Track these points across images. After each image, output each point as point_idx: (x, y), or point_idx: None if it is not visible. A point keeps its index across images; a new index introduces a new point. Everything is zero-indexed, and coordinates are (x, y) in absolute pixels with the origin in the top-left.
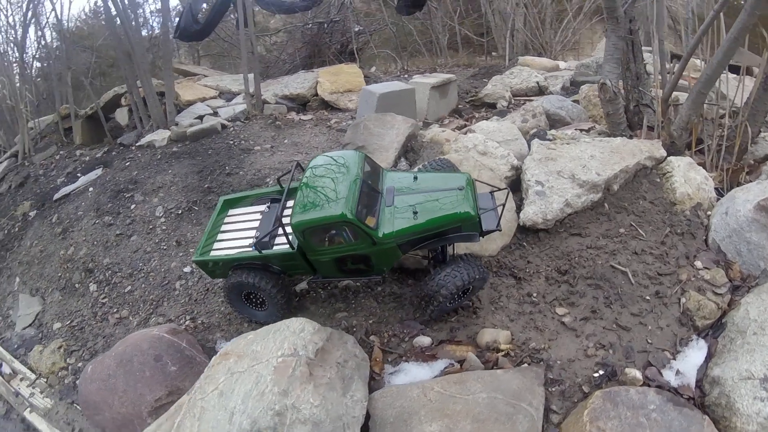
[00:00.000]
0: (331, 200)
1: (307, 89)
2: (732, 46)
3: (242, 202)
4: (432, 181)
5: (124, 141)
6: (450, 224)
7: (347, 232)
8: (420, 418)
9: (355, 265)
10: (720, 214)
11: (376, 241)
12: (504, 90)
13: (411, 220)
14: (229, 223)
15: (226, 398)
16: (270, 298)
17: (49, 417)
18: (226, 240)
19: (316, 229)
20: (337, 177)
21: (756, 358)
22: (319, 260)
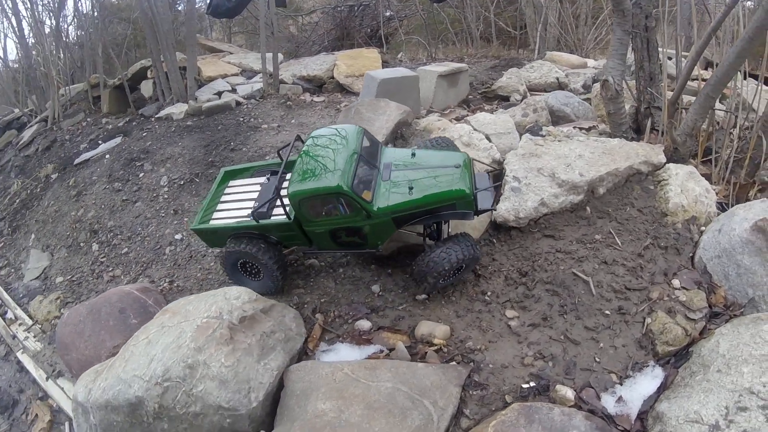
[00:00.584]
0: (327, 171)
1: (324, 71)
2: (746, 47)
3: (243, 173)
4: (429, 159)
5: (145, 112)
6: (445, 201)
7: (342, 204)
8: (318, 394)
9: (349, 238)
10: (712, 231)
11: (371, 214)
12: (519, 83)
13: (406, 196)
14: (229, 193)
15: (150, 346)
16: (265, 268)
17: (37, 358)
18: (225, 210)
19: (312, 199)
20: (336, 150)
21: (710, 400)
22: (314, 231)
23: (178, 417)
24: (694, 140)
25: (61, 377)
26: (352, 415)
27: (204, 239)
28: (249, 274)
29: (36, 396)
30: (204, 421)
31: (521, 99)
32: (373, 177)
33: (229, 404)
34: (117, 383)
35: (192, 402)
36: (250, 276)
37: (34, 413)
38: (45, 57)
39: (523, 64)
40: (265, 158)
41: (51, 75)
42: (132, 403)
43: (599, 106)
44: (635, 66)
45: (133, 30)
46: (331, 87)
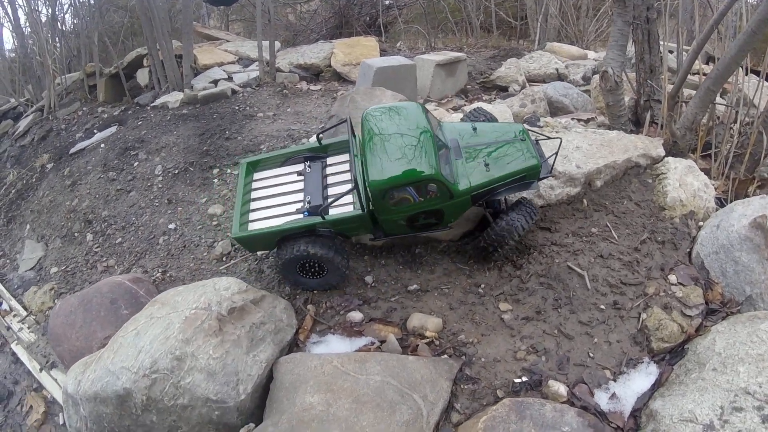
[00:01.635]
0: (413, 157)
1: (322, 59)
2: (748, 41)
3: (267, 163)
4: (492, 132)
5: (141, 101)
6: (519, 175)
7: (428, 190)
8: (307, 387)
9: (426, 221)
10: (710, 227)
11: (453, 195)
12: (518, 74)
13: (485, 173)
14: (258, 188)
15: (139, 338)
16: (332, 265)
17: (31, 349)
18: (262, 209)
19: (399, 188)
20: (408, 131)
21: (705, 400)
22: (389, 219)
23: (166, 409)
24: (694, 134)
25: (55, 368)
26: (340, 409)
27: (247, 246)
28: (309, 274)
29: (31, 387)
30: (192, 413)
31: (520, 89)
32: (448, 156)
33: (217, 396)
34: (105, 375)
35: (180, 394)
36: (310, 275)
37: (28, 405)
38: (41, 46)
39: (522, 55)
40: (260, 147)
41: (47, 64)
42: (120, 395)
43: (598, 97)
44: (635, 58)
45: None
46: (328, 75)
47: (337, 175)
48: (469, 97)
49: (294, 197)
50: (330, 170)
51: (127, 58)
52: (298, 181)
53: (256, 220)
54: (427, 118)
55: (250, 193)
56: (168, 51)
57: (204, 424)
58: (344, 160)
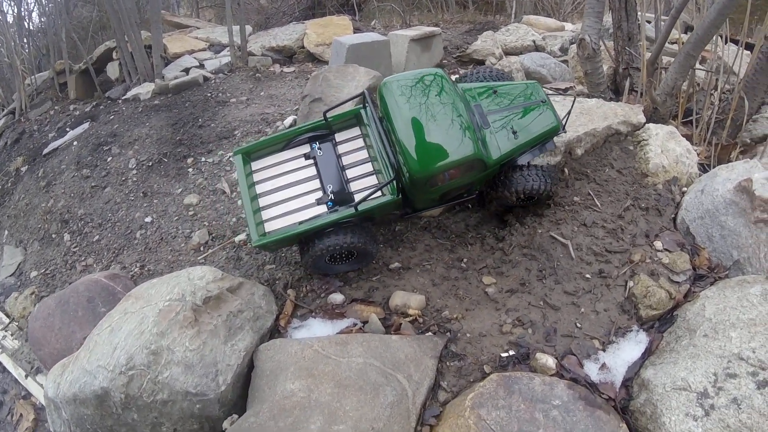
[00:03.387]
0: (453, 137)
1: (294, 41)
2: (727, 5)
3: (263, 149)
4: (511, 95)
5: (112, 95)
6: (543, 138)
7: (467, 167)
8: (287, 374)
9: (458, 192)
10: (695, 192)
11: (487, 166)
12: (494, 47)
13: (513, 141)
14: (262, 180)
15: (113, 334)
16: (363, 250)
17: (15, 356)
18: (273, 204)
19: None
20: (439, 106)
21: (698, 366)
22: (424, 198)
23: (146, 406)
24: (674, 100)
25: (40, 374)
26: (322, 394)
27: (269, 249)
28: (339, 262)
29: (19, 395)
30: (173, 408)
31: (497, 62)
32: (477, 126)
33: (196, 389)
34: (82, 375)
35: (158, 389)
36: (340, 262)
37: (18, 413)
38: (8, 47)
39: (498, 28)
40: (234, 133)
41: (16, 65)
42: (98, 395)
43: (576, 67)
44: (613, 26)
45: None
46: (301, 57)
47: (353, 154)
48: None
49: (308, 185)
50: (342, 149)
51: (96, 53)
52: (308, 167)
53: (273, 219)
54: (453, 86)
55: (254, 186)
56: (137, 42)
57: (186, 418)
58: (355, 135)
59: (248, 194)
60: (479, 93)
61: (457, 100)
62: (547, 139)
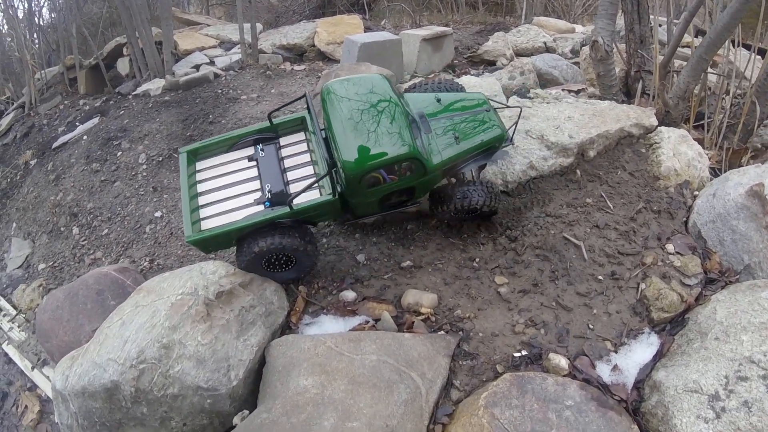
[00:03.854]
0: (387, 135)
1: (305, 39)
2: (741, 9)
3: (209, 150)
4: (456, 102)
5: (122, 90)
6: (487, 145)
7: (405, 168)
8: (300, 370)
9: (398, 199)
10: (706, 195)
11: (427, 171)
12: (505, 48)
13: (456, 147)
14: (205, 180)
15: (124, 327)
16: (303, 255)
17: (22, 348)
18: (213, 203)
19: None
20: (376, 107)
21: (710, 369)
22: (362, 201)
23: (156, 400)
24: (686, 103)
25: (47, 366)
26: (336, 391)
27: (202, 248)
28: (277, 268)
29: (24, 387)
30: (183, 403)
31: (508, 63)
32: (418, 130)
33: (208, 384)
34: (92, 368)
35: (169, 384)
36: (278, 269)
37: (23, 405)
38: (19, 42)
39: (509, 29)
40: None
41: (26, 60)
42: (108, 388)
43: (588, 69)
44: (625, 28)
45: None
46: (312, 55)
47: (296, 157)
48: (457, 71)
49: (249, 186)
50: (285, 152)
51: (107, 48)
52: (251, 168)
53: (210, 217)
54: (393, 90)
55: (196, 186)
56: (148, 38)
57: (196, 413)
58: (299, 140)
59: (188, 192)
60: (422, 101)
61: (396, 103)
62: (494, 148)
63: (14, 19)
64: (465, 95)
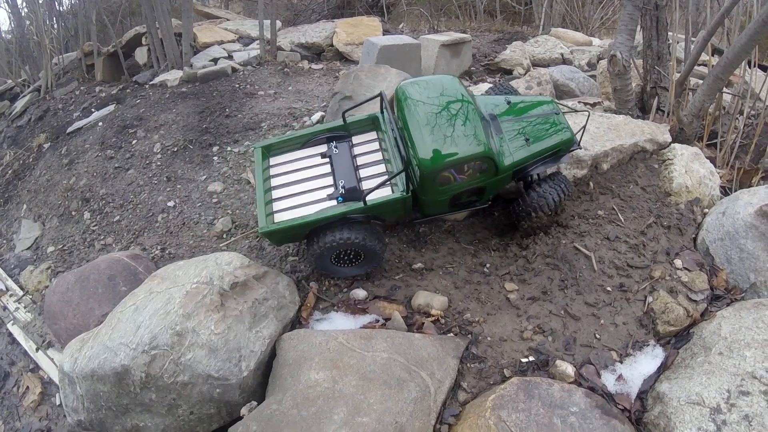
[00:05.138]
0: (463, 134)
1: (324, 39)
2: (759, 30)
3: (283, 146)
4: (525, 106)
5: (140, 79)
6: (556, 148)
7: (478, 167)
8: (312, 364)
9: (468, 198)
10: (716, 213)
11: (499, 171)
12: (522, 57)
13: (526, 148)
14: (279, 174)
15: (138, 313)
16: (371, 252)
17: (27, 329)
18: (287, 197)
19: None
20: (450, 106)
21: (712, 383)
22: (434, 199)
23: (165, 387)
24: (700, 122)
25: (51, 348)
26: (347, 386)
27: (275, 240)
28: (345, 263)
29: (27, 368)
30: (193, 390)
31: (525, 73)
32: (490, 131)
33: (218, 373)
34: (103, 351)
35: (180, 371)
36: (346, 264)
37: (25, 385)
38: (38, 26)
39: (527, 39)
40: (260, 125)
41: (44, 44)
42: (118, 372)
43: (604, 83)
44: (643, 44)
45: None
46: (330, 55)
47: (368, 155)
48: (474, 79)
49: (322, 182)
50: (358, 150)
51: (126, 37)
52: (323, 164)
53: (283, 210)
54: (466, 91)
55: (269, 180)
56: (167, 29)
57: (204, 402)
58: (371, 139)
59: (262, 186)
60: (493, 103)
61: (469, 104)
62: (562, 151)
63: (35, 3)
64: (534, 98)
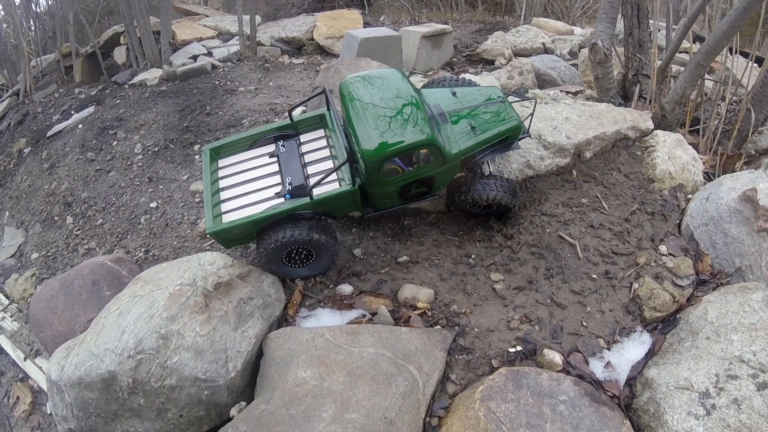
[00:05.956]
0: (407, 123)
1: (304, 33)
2: (740, 17)
3: (231, 147)
4: (471, 96)
5: (119, 79)
6: (504, 136)
7: (424, 156)
8: (299, 362)
9: (418, 190)
10: (700, 199)
11: (446, 160)
12: (504, 47)
13: (474, 137)
14: (227, 176)
15: (122, 318)
16: (323, 249)
17: (14, 338)
18: (235, 197)
19: (396, 156)
20: (393, 99)
21: (700, 367)
22: (383, 192)
23: (153, 391)
24: (683, 108)
25: (40, 356)
26: (334, 383)
27: (224, 241)
28: (296, 263)
29: (16, 378)
30: (181, 394)
31: (506, 63)
32: (435, 121)
33: (206, 375)
34: (89, 358)
35: (167, 375)
36: (298, 264)
37: (15, 396)
38: (15, 28)
39: (508, 29)
40: (242, 122)
41: (22, 47)
42: (105, 378)
43: (586, 71)
44: (624, 33)
45: None
46: (310, 49)
47: (316, 152)
48: (455, 69)
49: (270, 180)
50: (306, 148)
51: (104, 37)
52: (272, 163)
53: (231, 211)
54: (410, 84)
55: (218, 181)
56: (145, 27)
57: (193, 404)
58: (319, 136)
59: (210, 187)
60: (439, 95)
61: (412, 95)
62: (510, 139)
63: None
64: (480, 89)
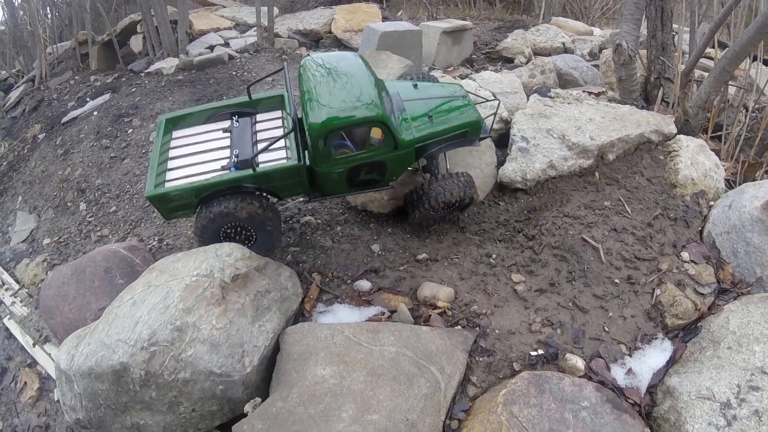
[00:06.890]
0: (358, 100)
1: (322, 25)
2: (766, 23)
3: (188, 119)
4: (432, 89)
5: (135, 68)
6: (461, 129)
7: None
8: (317, 359)
9: (368, 176)
10: (722, 206)
11: (398, 145)
12: (524, 46)
13: (430, 127)
14: (178, 146)
15: (136, 308)
16: (264, 228)
17: (24, 324)
18: (181, 167)
19: (344, 131)
20: (349, 78)
21: (722, 377)
22: (330, 172)
23: (166, 384)
24: (705, 113)
25: (48, 342)
26: (355, 382)
27: (161, 208)
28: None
29: (24, 363)
30: (194, 388)
31: (527, 62)
32: (392, 107)
33: (221, 369)
34: (100, 348)
35: (181, 368)
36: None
37: (23, 381)
38: (32, 16)
39: (528, 27)
40: None
41: (38, 34)
42: (116, 369)
43: (608, 73)
44: (647, 35)
45: None
46: (328, 42)
47: (269, 132)
48: (475, 66)
49: (219, 154)
50: (260, 126)
51: (121, 25)
52: (224, 138)
53: (175, 180)
54: (368, 67)
55: (168, 151)
56: (162, 17)
57: (206, 399)
58: (277, 116)
59: (159, 155)
60: (400, 85)
61: (369, 77)
62: (469, 134)
63: None
64: (444, 85)
